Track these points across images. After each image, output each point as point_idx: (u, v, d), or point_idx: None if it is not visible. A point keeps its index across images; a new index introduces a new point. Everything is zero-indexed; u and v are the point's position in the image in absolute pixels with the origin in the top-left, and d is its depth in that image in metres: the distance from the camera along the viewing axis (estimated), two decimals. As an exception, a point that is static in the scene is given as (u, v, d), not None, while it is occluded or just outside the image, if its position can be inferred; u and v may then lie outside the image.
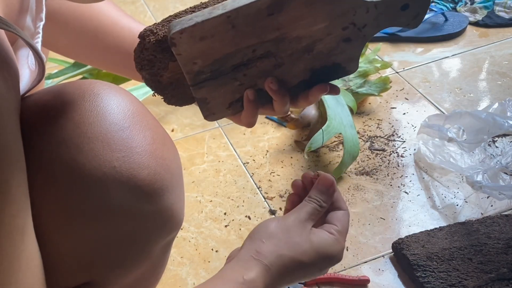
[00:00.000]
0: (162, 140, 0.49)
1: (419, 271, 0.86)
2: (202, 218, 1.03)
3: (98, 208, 0.44)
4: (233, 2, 0.55)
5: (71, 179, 0.43)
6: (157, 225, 0.48)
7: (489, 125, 1.02)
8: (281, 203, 1.04)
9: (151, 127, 0.48)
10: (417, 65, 1.38)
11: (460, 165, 1.04)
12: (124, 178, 0.44)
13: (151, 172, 0.46)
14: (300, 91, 0.61)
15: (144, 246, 0.49)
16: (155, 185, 0.46)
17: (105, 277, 0.48)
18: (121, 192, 0.44)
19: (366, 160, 1.11)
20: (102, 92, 0.47)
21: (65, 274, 0.46)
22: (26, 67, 0.51)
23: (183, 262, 0.95)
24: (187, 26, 0.54)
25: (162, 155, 0.48)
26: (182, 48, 0.55)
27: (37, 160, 0.43)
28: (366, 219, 0.99)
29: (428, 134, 1.09)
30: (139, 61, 0.57)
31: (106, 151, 0.44)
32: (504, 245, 0.88)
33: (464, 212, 0.99)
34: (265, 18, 0.56)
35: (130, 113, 0.47)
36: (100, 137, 0.44)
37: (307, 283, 0.88)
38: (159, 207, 0.47)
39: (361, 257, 0.93)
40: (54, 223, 0.43)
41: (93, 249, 0.45)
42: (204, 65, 0.58)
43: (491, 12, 1.50)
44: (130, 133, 0.46)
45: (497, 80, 1.30)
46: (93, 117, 0.45)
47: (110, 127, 0.45)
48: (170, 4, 1.78)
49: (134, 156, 0.45)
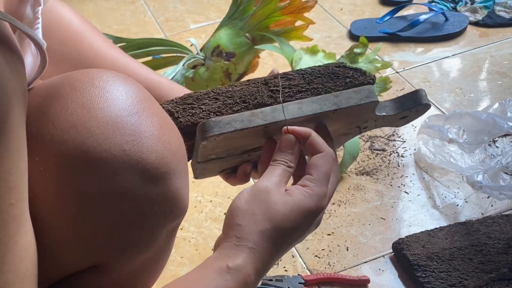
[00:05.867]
0: (168, 126, 0.50)
1: (420, 271, 0.86)
2: (202, 218, 1.03)
3: (108, 191, 0.44)
4: (273, 112, 0.56)
5: (82, 161, 0.44)
6: (164, 209, 0.49)
7: (489, 127, 1.02)
8: (281, 203, 1.04)
9: (158, 114, 0.49)
10: (417, 65, 1.38)
11: (460, 165, 1.04)
12: (133, 161, 0.45)
13: (159, 156, 0.47)
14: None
15: (152, 230, 0.49)
16: (163, 169, 0.47)
17: (112, 261, 0.48)
18: (130, 174, 0.45)
19: (366, 160, 1.11)
20: (110, 79, 0.48)
21: (73, 257, 0.47)
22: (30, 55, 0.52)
23: (183, 262, 0.95)
24: (225, 132, 0.55)
25: (169, 140, 0.49)
26: (210, 145, 0.57)
27: (48, 144, 0.44)
28: (366, 219, 0.99)
29: (428, 135, 1.09)
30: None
31: (116, 134, 0.45)
32: (504, 245, 0.88)
33: (464, 212, 0.99)
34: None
35: (138, 100, 0.48)
36: (110, 121, 0.45)
37: (307, 283, 0.88)
38: (166, 191, 0.48)
39: (361, 257, 0.93)
40: (64, 205, 0.44)
41: (102, 231, 0.46)
42: (221, 152, 0.60)
43: (492, 12, 1.50)
44: (139, 118, 0.47)
45: (497, 80, 1.30)
46: (102, 102, 0.46)
47: (119, 112, 0.46)
48: (170, 4, 1.78)
49: (143, 140, 0.46)
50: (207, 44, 1.31)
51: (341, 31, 1.55)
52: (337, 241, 0.96)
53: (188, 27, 1.66)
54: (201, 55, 1.32)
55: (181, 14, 1.72)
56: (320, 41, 1.49)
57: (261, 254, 0.51)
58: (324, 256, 0.93)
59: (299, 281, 0.88)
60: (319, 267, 0.92)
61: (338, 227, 0.98)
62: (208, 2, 1.76)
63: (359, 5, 1.64)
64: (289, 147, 0.56)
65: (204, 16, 1.70)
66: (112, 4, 1.82)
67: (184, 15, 1.72)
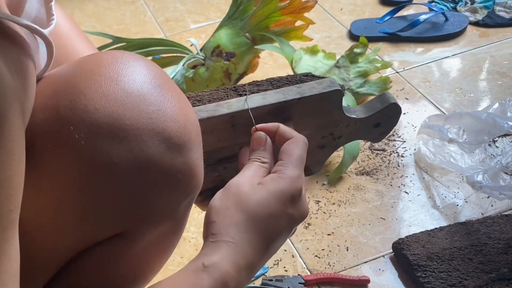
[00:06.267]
0: (185, 101, 0.52)
1: (420, 271, 0.86)
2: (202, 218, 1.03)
3: (138, 157, 0.46)
4: (238, 102, 0.58)
5: (114, 128, 0.46)
6: (187, 179, 0.50)
7: (489, 127, 1.02)
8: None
9: (176, 90, 0.52)
10: (417, 65, 1.38)
11: (460, 165, 1.04)
12: (160, 128, 0.47)
13: (181, 126, 0.49)
14: None
15: (175, 199, 0.50)
16: (185, 138, 0.49)
17: (136, 229, 0.49)
18: (157, 142, 0.47)
19: (366, 160, 1.11)
20: (131, 57, 0.51)
21: (100, 225, 0.48)
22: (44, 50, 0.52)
23: (183, 262, 0.95)
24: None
25: (188, 113, 0.51)
26: None
27: (81, 113, 0.46)
28: (366, 219, 0.99)
29: (428, 135, 1.09)
30: None
31: (143, 104, 0.47)
32: (504, 245, 0.88)
33: (464, 212, 0.99)
34: (264, 122, 0.59)
35: (158, 75, 0.50)
36: (137, 92, 0.47)
37: (307, 283, 0.88)
38: (189, 160, 0.50)
39: (361, 257, 0.93)
40: (96, 172, 0.46)
41: (131, 198, 0.47)
42: None
43: (492, 12, 1.50)
44: (162, 91, 0.49)
45: (498, 80, 1.30)
46: (128, 75, 0.48)
47: (144, 85, 0.48)
48: (170, 4, 1.78)
49: (167, 110, 0.48)
50: (207, 44, 1.31)
51: (341, 31, 1.55)
52: (337, 241, 0.96)
53: (188, 27, 1.66)
54: (201, 55, 1.32)
55: (181, 14, 1.72)
56: (320, 41, 1.49)
57: (240, 248, 0.51)
58: (324, 256, 0.93)
59: (299, 281, 0.88)
60: (319, 267, 0.92)
61: (338, 227, 0.98)
62: (208, 2, 1.76)
63: (359, 5, 1.64)
64: (260, 144, 0.58)
65: (204, 16, 1.70)
66: (112, 4, 1.82)
67: (184, 15, 1.72)
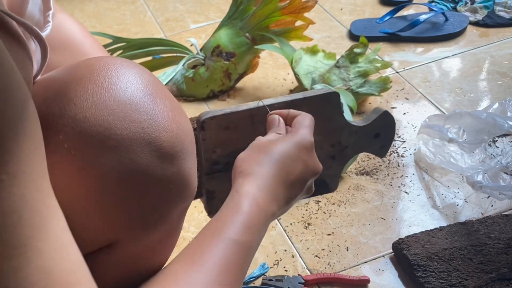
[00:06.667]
0: (179, 109, 0.52)
1: (420, 271, 0.86)
2: (202, 218, 1.03)
3: (129, 167, 0.46)
4: (257, 103, 0.70)
5: (104, 138, 0.45)
6: (179, 188, 0.50)
7: (489, 126, 1.02)
8: (281, 203, 1.04)
9: (169, 97, 0.52)
10: (417, 65, 1.38)
11: (460, 165, 1.04)
12: (151, 138, 0.47)
13: (173, 135, 0.49)
14: None
15: (166, 209, 0.51)
16: (177, 148, 0.49)
17: (128, 239, 0.49)
18: (148, 152, 0.47)
19: (366, 160, 1.11)
20: (124, 63, 0.50)
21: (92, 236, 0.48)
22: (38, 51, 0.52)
23: (183, 262, 0.95)
24: (217, 115, 0.67)
25: (181, 121, 0.51)
26: (208, 134, 0.68)
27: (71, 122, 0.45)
28: (366, 219, 0.99)
29: (428, 135, 1.09)
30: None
31: (134, 113, 0.47)
32: (504, 245, 0.88)
33: (464, 212, 0.99)
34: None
35: (151, 83, 0.50)
36: (128, 101, 0.47)
37: (307, 283, 0.88)
38: (181, 170, 0.50)
39: (361, 257, 0.93)
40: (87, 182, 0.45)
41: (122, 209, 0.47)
42: (221, 155, 0.70)
43: (492, 12, 1.50)
44: (154, 99, 0.49)
45: (498, 80, 1.30)
46: (119, 83, 0.48)
47: (135, 93, 0.48)
48: (170, 4, 1.78)
49: (158, 119, 0.48)
50: (207, 44, 1.31)
51: (341, 31, 1.55)
52: (337, 241, 0.96)
53: (188, 27, 1.66)
54: (201, 55, 1.32)
55: (181, 14, 1.72)
56: (320, 41, 1.49)
57: (264, 178, 0.58)
58: (324, 256, 0.93)
59: (299, 281, 0.88)
60: (319, 267, 0.92)
61: (338, 227, 0.98)
62: (208, 2, 1.76)
63: (359, 5, 1.64)
64: (274, 123, 0.67)
65: (204, 16, 1.70)
66: (112, 4, 1.82)
67: (184, 15, 1.72)
